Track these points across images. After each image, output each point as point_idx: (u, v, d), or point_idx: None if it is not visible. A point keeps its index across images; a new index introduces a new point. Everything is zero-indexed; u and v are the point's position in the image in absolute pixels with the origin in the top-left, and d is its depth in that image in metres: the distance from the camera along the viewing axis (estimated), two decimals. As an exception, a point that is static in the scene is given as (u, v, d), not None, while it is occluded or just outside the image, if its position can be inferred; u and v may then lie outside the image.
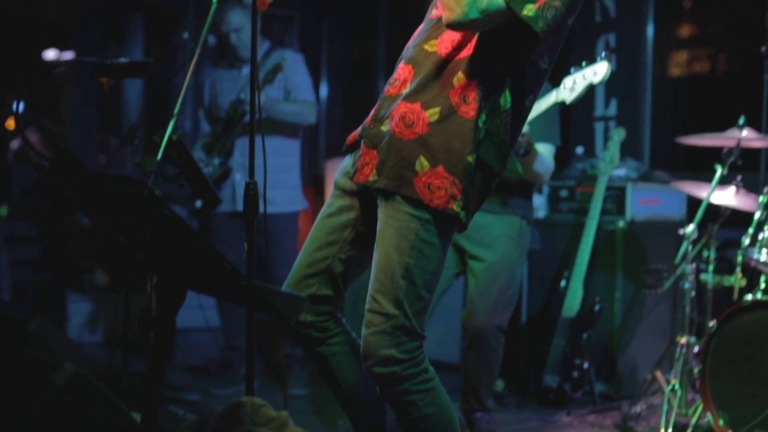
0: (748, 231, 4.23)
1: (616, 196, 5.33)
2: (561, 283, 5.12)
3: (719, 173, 4.44)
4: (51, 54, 8.84)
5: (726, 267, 4.85)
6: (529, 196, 4.59)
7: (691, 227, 4.52)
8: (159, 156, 3.57)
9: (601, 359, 5.24)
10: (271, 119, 5.38)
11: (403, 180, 2.61)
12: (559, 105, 4.04)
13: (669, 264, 5.23)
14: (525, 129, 4.01)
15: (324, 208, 2.92)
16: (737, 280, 4.53)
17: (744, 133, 4.44)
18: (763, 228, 4.18)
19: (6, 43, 7.63)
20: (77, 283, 7.09)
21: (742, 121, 4.45)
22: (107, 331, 6.91)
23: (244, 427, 2.65)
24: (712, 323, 4.23)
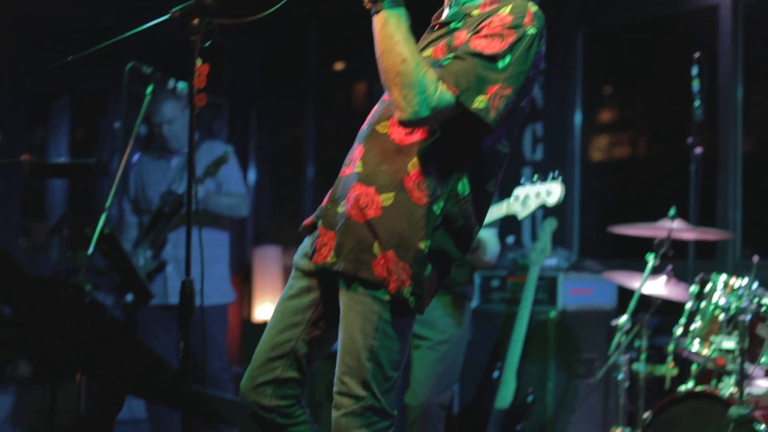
0: (680, 321, 4.28)
1: (547, 286, 5.36)
2: (494, 373, 5.10)
3: (651, 264, 4.49)
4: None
5: (656, 355, 4.88)
6: (471, 278, 4.64)
7: (624, 318, 4.55)
8: (90, 250, 3.50)
9: (535, 450, 5.21)
10: (206, 212, 5.34)
11: (362, 263, 2.61)
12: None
13: (601, 353, 5.25)
14: None
15: (285, 290, 2.89)
16: (669, 370, 4.56)
17: (675, 224, 4.51)
18: (694, 318, 4.23)
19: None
20: (-2, 375, 6.88)
21: (672, 212, 4.52)
22: (30, 426, 6.68)
23: None
24: (646, 414, 4.23)
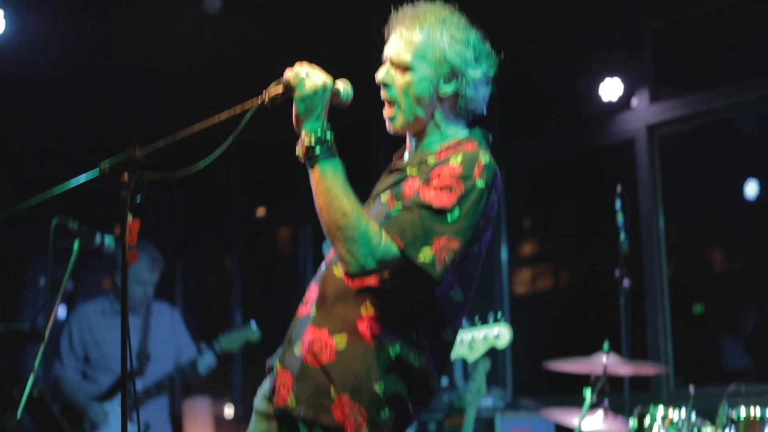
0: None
1: (485, 428, 5.33)
2: None
3: (588, 401, 4.47)
4: None
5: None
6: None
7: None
8: (19, 414, 3.38)
9: None
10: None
11: (321, 408, 2.58)
12: None
13: (541, 492, 5.19)
14: None
15: None
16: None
17: (609, 358, 4.52)
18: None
19: None
20: None
21: (606, 347, 4.54)
22: None
23: None
24: None
